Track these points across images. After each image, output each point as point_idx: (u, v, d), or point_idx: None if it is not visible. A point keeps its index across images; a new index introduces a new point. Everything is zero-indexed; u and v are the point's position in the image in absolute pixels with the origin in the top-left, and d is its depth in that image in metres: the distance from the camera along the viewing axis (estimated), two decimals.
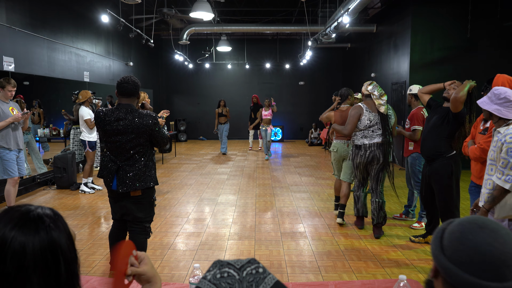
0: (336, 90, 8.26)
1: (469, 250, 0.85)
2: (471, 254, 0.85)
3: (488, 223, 0.89)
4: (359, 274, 3.36)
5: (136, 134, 2.86)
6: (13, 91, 4.67)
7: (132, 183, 2.89)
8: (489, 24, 8.30)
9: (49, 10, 7.30)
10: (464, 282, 0.84)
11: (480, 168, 3.04)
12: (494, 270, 0.83)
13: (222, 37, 13.08)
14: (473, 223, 0.89)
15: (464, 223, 0.90)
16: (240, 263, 0.89)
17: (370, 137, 4.17)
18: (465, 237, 0.87)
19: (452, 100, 3.42)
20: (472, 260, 0.84)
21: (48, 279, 0.78)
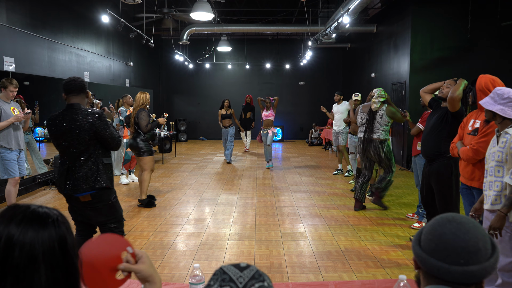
0: (336, 90, 8.30)
1: (435, 238, 1.00)
2: (437, 242, 0.99)
3: (457, 217, 1.03)
4: (359, 274, 3.37)
5: (80, 135, 2.76)
6: (15, 92, 4.68)
7: (78, 185, 2.77)
8: (489, 24, 8.30)
9: (50, 10, 7.31)
10: (432, 266, 0.98)
11: (471, 170, 3.03)
12: (456, 256, 0.96)
13: (222, 37, 13.08)
14: (444, 217, 1.04)
15: (438, 218, 1.05)
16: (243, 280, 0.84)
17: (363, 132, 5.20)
18: (434, 229, 1.02)
19: (449, 100, 3.42)
20: (437, 247, 0.99)
21: (55, 272, 0.81)
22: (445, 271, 0.96)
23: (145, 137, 5.40)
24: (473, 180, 3.02)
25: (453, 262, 0.96)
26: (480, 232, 0.99)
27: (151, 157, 5.50)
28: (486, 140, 2.83)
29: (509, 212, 2.39)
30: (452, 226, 1.00)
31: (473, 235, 0.98)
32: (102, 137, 2.84)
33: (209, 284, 0.85)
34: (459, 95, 3.37)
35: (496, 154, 2.55)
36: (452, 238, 0.98)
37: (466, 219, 1.02)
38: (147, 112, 5.42)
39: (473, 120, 3.13)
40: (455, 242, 0.97)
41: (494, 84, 2.85)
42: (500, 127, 2.55)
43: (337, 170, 8.10)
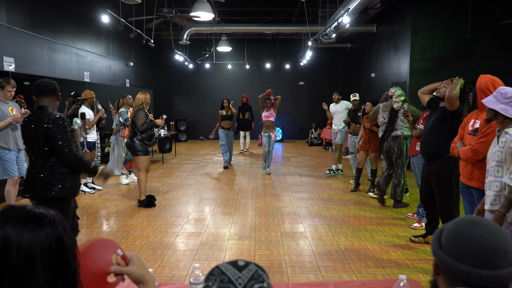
0: (336, 90, 8.27)
1: (462, 242, 0.96)
2: (464, 246, 0.95)
3: (479, 219, 1.00)
4: (359, 274, 3.37)
5: (35, 138, 2.71)
6: (13, 92, 4.68)
7: (31, 189, 2.75)
8: (489, 24, 8.30)
9: (50, 10, 7.31)
10: (461, 271, 0.94)
11: (471, 170, 3.03)
12: (486, 259, 0.93)
13: (222, 37, 13.08)
14: (466, 220, 1.00)
15: (458, 221, 1.02)
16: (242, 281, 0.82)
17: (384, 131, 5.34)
18: (458, 232, 0.98)
19: (446, 99, 3.43)
20: (465, 251, 0.95)
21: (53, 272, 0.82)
22: (477, 276, 0.93)
23: (141, 137, 5.40)
24: (472, 180, 3.02)
25: (484, 266, 0.93)
26: (504, 234, 0.98)
27: (147, 157, 5.48)
28: (486, 141, 2.82)
29: (507, 212, 2.39)
30: (478, 228, 0.97)
31: (500, 237, 0.96)
32: (53, 145, 2.71)
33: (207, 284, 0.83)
34: (457, 93, 3.37)
35: (496, 154, 2.55)
36: (480, 241, 0.95)
37: (488, 221, 1.01)
38: (144, 112, 5.42)
39: (473, 120, 3.13)
40: (484, 245, 0.94)
41: (494, 84, 2.85)
42: (501, 126, 2.54)
43: (336, 171, 8.01)
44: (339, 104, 7.71)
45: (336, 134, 7.80)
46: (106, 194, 6.31)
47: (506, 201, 2.39)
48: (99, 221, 4.89)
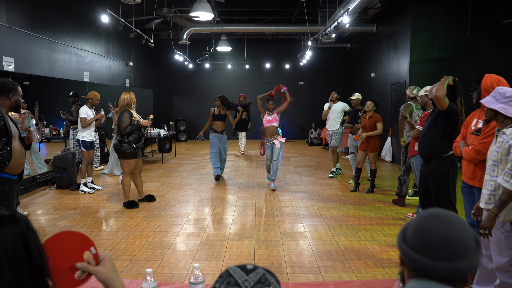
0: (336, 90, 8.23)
1: (421, 235, 0.99)
2: (422, 239, 0.99)
3: (443, 213, 1.02)
4: (359, 274, 3.37)
5: None
6: None
7: None
8: (489, 24, 8.30)
9: (49, 10, 7.30)
10: (419, 263, 0.97)
11: (473, 169, 3.02)
12: (441, 251, 0.96)
13: (222, 37, 13.08)
14: (428, 213, 1.04)
15: (422, 214, 1.05)
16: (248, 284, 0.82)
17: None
18: (420, 225, 1.02)
19: (434, 99, 3.42)
20: (423, 244, 0.98)
21: (20, 268, 0.83)
22: (431, 267, 0.95)
23: (128, 140, 5.27)
24: (474, 180, 3.02)
25: (439, 258, 0.95)
26: (464, 227, 0.99)
27: (133, 160, 5.36)
28: (489, 141, 2.82)
29: (499, 213, 2.40)
30: (437, 221, 0.99)
31: (457, 230, 0.98)
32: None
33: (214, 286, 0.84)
34: (443, 93, 3.36)
35: (493, 153, 2.56)
36: (438, 234, 0.97)
37: (451, 214, 1.02)
38: (129, 113, 5.28)
39: (476, 119, 3.12)
40: (441, 237, 0.96)
41: (500, 84, 2.84)
42: (501, 126, 2.54)
43: (336, 170, 7.89)
44: (336, 105, 7.54)
45: (331, 136, 7.60)
46: (105, 194, 6.31)
47: (498, 201, 2.40)
48: (99, 221, 4.89)
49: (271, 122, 6.60)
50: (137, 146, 5.36)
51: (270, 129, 6.62)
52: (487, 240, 2.59)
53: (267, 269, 0.87)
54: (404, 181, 5.55)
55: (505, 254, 2.47)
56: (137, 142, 5.36)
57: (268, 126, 6.63)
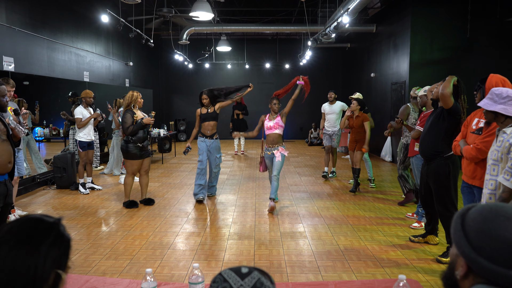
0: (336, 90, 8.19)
1: (494, 241, 0.87)
2: (496, 246, 0.87)
3: (511, 211, 0.90)
4: (358, 274, 3.37)
5: None
6: (12, 91, 4.68)
7: None
8: (489, 24, 8.31)
9: (49, 10, 7.30)
10: (492, 272, 0.87)
11: (473, 168, 3.02)
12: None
13: (222, 37, 13.09)
14: (499, 215, 0.90)
15: (489, 218, 0.90)
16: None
17: None
18: (499, 234, 0.87)
19: (440, 97, 3.41)
20: (498, 251, 0.86)
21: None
22: (507, 277, 0.86)
23: (132, 140, 5.23)
24: (474, 179, 3.02)
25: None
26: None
27: (134, 161, 5.30)
28: (491, 140, 2.82)
29: None
30: (509, 222, 0.89)
31: None
32: None
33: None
34: (449, 90, 3.36)
35: (493, 153, 2.56)
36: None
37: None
38: (131, 113, 5.23)
39: (477, 119, 3.12)
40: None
41: (505, 84, 2.85)
42: (501, 126, 2.55)
43: (324, 172, 7.53)
44: (334, 105, 7.41)
45: (330, 137, 7.42)
46: (105, 194, 6.31)
47: (499, 200, 2.40)
48: (98, 221, 4.89)
49: (273, 129, 5.32)
50: (142, 145, 5.29)
51: (271, 137, 5.33)
52: None
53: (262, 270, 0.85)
54: (408, 175, 5.50)
55: None
56: (142, 141, 5.29)
57: (269, 133, 5.33)
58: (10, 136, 3.02)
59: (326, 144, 7.53)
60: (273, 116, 5.39)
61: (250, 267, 0.85)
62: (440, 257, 3.63)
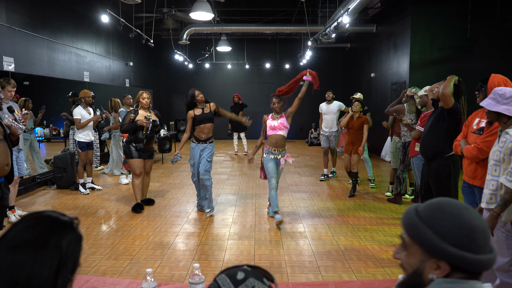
0: (336, 90, 8.19)
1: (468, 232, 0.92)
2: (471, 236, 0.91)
3: (459, 202, 0.98)
4: (359, 274, 3.37)
5: None
6: (13, 91, 4.67)
7: None
8: (489, 24, 8.31)
9: (49, 10, 7.30)
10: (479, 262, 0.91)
11: (474, 168, 3.02)
12: (486, 243, 0.93)
13: (222, 37, 13.08)
14: (455, 205, 0.96)
15: (449, 210, 0.96)
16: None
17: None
18: (463, 221, 0.93)
19: (440, 97, 3.41)
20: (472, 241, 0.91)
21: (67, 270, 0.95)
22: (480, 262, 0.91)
23: (129, 139, 5.16)
24: (475, 179, 3.02)
25: (486, 250, 0.92)
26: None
27: (131, 160, 5.17)
28: (492, 140, 2.82)
29: (502, 212, 2.40)
30: (472, 212, 0.95)
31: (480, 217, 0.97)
32: None
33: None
34: (450, 90, 3.36)
35: (495, 153, 2.55)
36: (481, 225, 0.93)
37: (461, 203, 1.00)
38: (130, 112, 5.16)
39: (478, 119, 3.12)
40: (485, 228, 0.93)
41: (507, 84, 2.84)
42: (504, 126, 2.54)
43: (323, 176, 7.42)
44: (332, 104, 7.25)
45: (328, 138, 7.29)
46: (105, 194, 6.31)
47: (501, 201, 2.39)
48: (98, 221, 4.89)
49: (277, 130, 4.67)
50: (135, 146, 5.12)
51: (275, 138, 4.67)
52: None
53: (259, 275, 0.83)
54: (404, 179, 5.58)
55: (506, 254, 2.47)
56: (137, 142, 5.12)
57: (272, 134, 4.69)
58: (7, 136, 2.95)
59: (324, 145, 7.37)
60: (276, 115, 4.79)
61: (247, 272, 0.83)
62: None
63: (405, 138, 5.50)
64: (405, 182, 5.61)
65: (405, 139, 5.51)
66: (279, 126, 4.71)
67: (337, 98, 7.60)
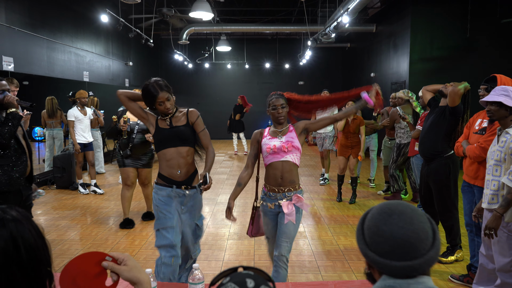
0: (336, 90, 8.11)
1: (386, 239, 0.96)
2: (390, 243, 0.96)
3: (394, 208, 1.01)
4: (358, 274, 3.36)
5: None
6: (16, 91, 4.64)
7: None
8: (489, 23, 8.30)
9: (49, 10, 7.30)
10: (395, 268, 0.95)
11: (476, 168, 3.02)
12: (413, 250, 0.94)
13: (221, 37, 13.08)
14: (383, 212, 1.02)
15: (376, 216, 1.03)
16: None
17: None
18: (380, 229, 0.99)
19: (450, 93, 3.40)
20: (393, 248, 0.95)
21: (13, 273, 0.83)
22: (390, 267, 0.95)
23: (118, 146, 4.48)
24: (476, 179, 3.02)
25: (412, 257, 0.94)
26: (421, 218, 0.99)
27: (123, 169, 4.48)
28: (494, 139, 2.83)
29: (505, 213, 2.39)
30: (396, 220, 0.97)
31: (417, 222, 0.97)
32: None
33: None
34: (461, 90, 3.36)
35: (495, 153, 2.55)
36: (403, 234, 0.95)
37: (402, 206, 1.01)
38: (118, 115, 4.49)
39: (480, 119, 3.13)
40: (408, 236, 0.95)
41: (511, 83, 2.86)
42: (503, 125, 2.55)
43: (324, 179, 7.21)
44: None
45: (324, 140, 7.03)
46: (105, 194, 6.30)
47: (504, 201, 2.39)
48: (98, 221, 4.89)
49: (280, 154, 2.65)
50: (122, 154, 4.40)
51: (278, 170, 2.67)
52: (489, 241, 2.58)
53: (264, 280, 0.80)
54: (398, 176, 5.66)
55: (507, 254, 2.47)
56: (123, 148, 4.37)
57: (272, 163, 2.69)
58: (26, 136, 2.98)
59: (321, 149, 7.20)
60: (279, 129, 2.71)
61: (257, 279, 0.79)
62: (440, 257, 3.62)
63: (401, 139, 5.53)
64: (400, 178, 5.67)
65: (401, 141, 5.52)
66: (284, 147, 2.63)
67: None
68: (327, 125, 2.92)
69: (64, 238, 4.27)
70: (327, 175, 7.28)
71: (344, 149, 5.67)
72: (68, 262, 1.07)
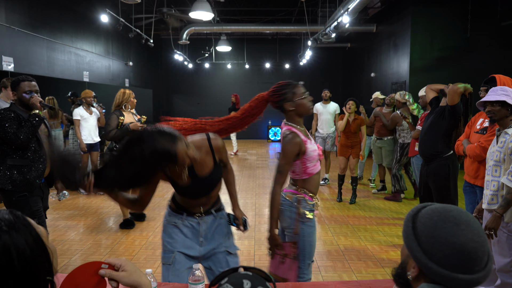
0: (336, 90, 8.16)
1: (457, 253, 0.91)
2: (459, 256, 0.91)
3: (458, 216, 0.96)
4: (359, 274, 3.36)
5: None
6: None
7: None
8: (489, 23, 8.30)
9: (49, 10, 7.30)
10: (460, 281, 0.90)
11: (477, 168, 3.02)
12: (481, 263, 0.91)
13: (221, 37, 13.08)
14: (448, 221, 0.96)
15: (440, 224, 0.96)
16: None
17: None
18: (450, 241, 0.92)
19: (449, 90, 3.40)
20: (463, 262, 0.90)
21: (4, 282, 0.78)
22: (452, 279, 0.90)
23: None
24: (477, 179, 3.02)
25: (479, 270, 0.91)
26: (481, 227, 0.96)
27: None
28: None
29: (504, 213, 2.39)
30: (465, 231, 0.93)
31: (479, 237, 0.93)
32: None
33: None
34: (461, 88, 3.36)
35: (494, 153, 2.55)
36: (474, 247, 0.91)
37: (465, 215, 0.98)
38: (117, 115, 4.28)
39: (482, 119, 3.13)
40: (477, 250, 0.91)
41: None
42: (502, 125, 2.54)
43: (324, 179, 7.15)
44: (329, 105, 6.87)
45: (324, 140, 6.89)
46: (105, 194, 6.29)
47: (503, 201, 2.39)
48: (98, 221, 4.89)
49: (319, 160, 2.38)
50: None
51: (318, 173, 2.43)
52: (489, 241, 2.58)
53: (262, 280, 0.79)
54: (401, 176, 5.68)
55: (507, 254, 2.47)
56: None
57: (315, 172, 2.35)
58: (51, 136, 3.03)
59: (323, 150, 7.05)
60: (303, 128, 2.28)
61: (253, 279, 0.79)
62: None
63: (404, 139, 5.56)
64: (402, 178, 5.70)
65: (404, 140, 5.57)
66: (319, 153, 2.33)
67: (336, 98, 7.55)
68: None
69: (64, 238, 4.27)
70: (327, 175, 7.25)
71: (344, 149, 5.67)
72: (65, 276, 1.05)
